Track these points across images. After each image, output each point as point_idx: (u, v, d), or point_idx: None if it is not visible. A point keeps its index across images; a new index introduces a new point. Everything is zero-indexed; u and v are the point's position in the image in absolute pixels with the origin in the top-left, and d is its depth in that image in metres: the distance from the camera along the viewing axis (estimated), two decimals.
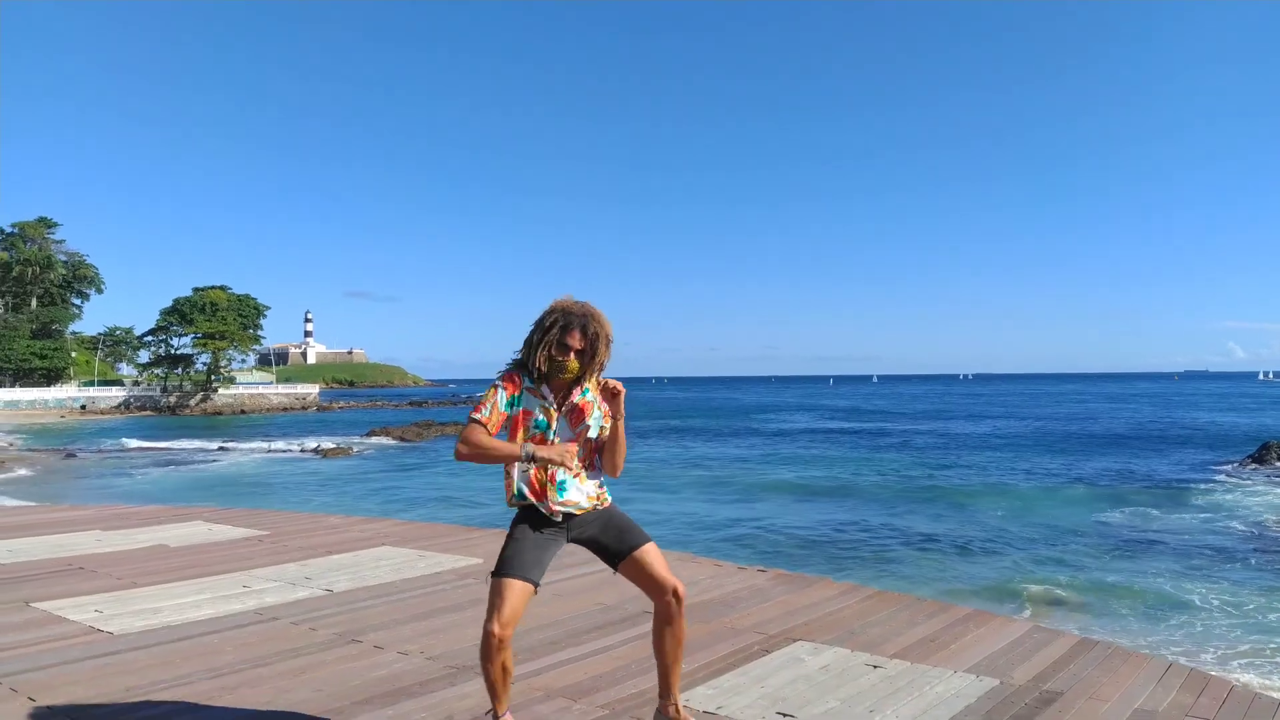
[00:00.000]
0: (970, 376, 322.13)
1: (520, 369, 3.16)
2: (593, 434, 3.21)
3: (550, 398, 3.14)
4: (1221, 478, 23.37)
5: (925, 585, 10.12)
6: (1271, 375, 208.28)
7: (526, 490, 3.17)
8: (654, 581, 3.20)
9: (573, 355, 3.06)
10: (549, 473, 3.15)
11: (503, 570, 3.09)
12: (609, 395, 3.19)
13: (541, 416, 3.13)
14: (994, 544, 13.99)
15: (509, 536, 3.20)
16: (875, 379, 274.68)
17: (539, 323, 3.13)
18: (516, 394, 3.13)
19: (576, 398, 3.16)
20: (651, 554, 3.21)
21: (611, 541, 3.24)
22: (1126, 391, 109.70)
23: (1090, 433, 42.12)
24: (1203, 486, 21.63)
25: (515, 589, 3.05)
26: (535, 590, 3.12)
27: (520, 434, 3.13)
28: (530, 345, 3.13)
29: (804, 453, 33.66)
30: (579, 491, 3.21)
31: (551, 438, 3.14)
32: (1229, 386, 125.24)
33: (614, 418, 3.21)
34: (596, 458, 3.28)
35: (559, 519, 3.19)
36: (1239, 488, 21.36)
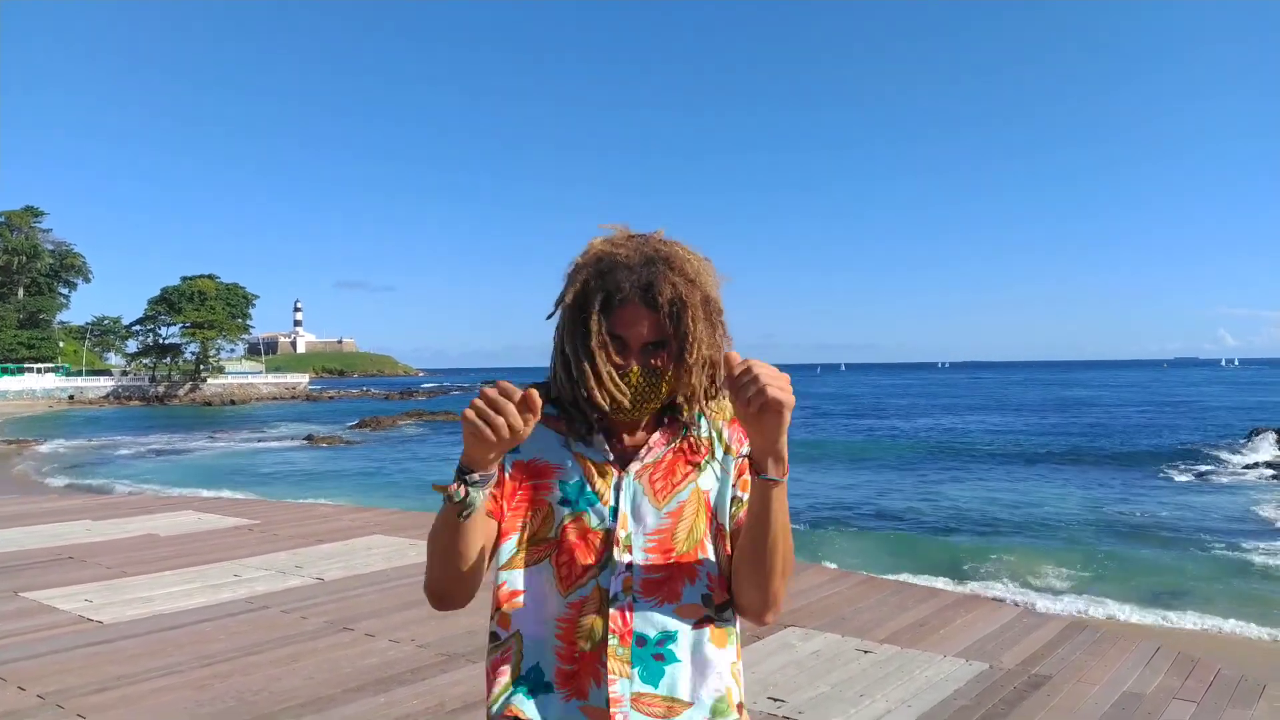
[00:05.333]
0: (947, 365, 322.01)
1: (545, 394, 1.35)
2: (701, 521, 1.35)
3: (602, 445, 1.35)
4: (1211, 463, 23.54)
5: (915, 571, 10.18)
6: (1237, 362, 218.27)
7: (552, 650, 1.31)
8: None
9: (634, 360, 1.31)
10: (617, 593, 1.29)
11: None
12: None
13: (576, 474, 1.34)
14: (983, 529, 14.08)
15: None
16: (843, 367, 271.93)
17: (560, 298, 1.36)
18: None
19: (663, 447, 1.36)
20: None
21: None
22: (1110, 380, 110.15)
23: (1079, 420, 42.38)
24: (1192, 471, 21.79)
25: None
26: None
27: (523, 530, 1.35)
28: (558, 356, 1.37)
29: (793, 438, 33.80)
30: (710, 672, 1.32)
31: (607, 526, 1.31)
32: (1196, 374, 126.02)
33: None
34: (708, 578, 1.35)
35: None
36: (1228, 472, 21.55)
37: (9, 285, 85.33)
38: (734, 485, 1.39)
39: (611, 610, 1.28)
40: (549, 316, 1.39)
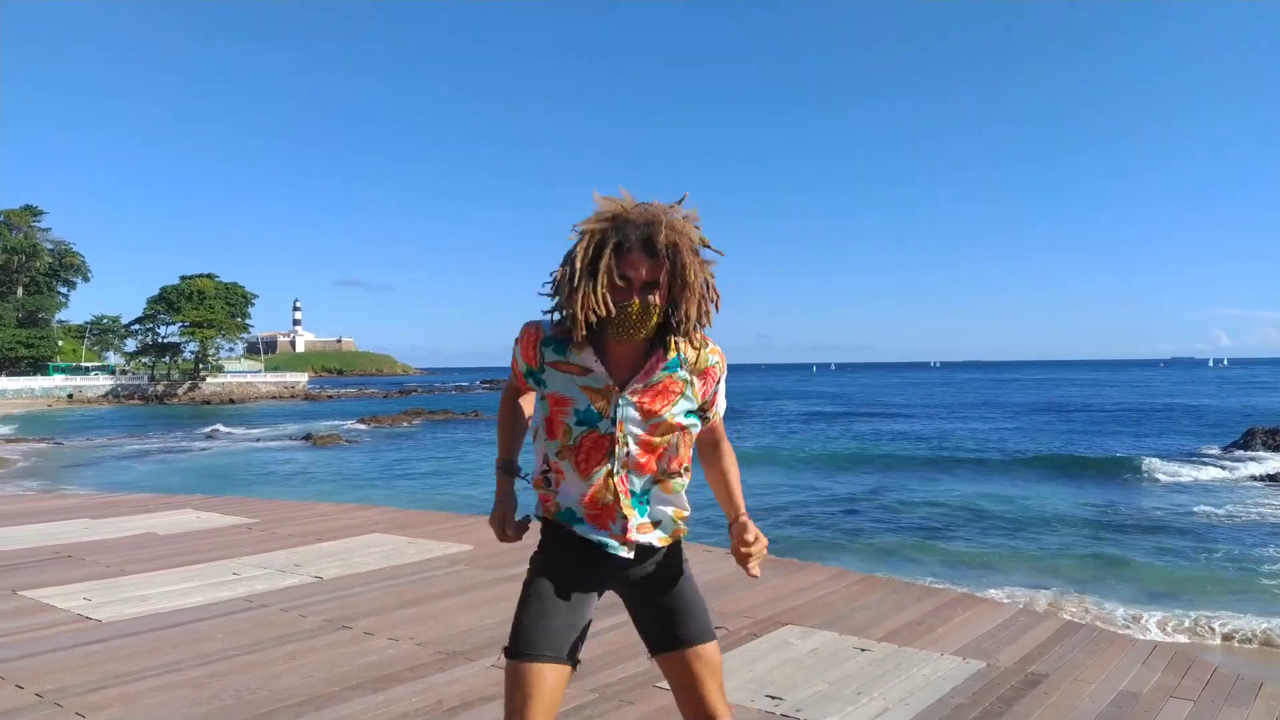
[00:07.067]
0: (939, 365, 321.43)
1: (552, 324, 1.92)
2: (674, 432, 1.98)
3: (600, 368, 1.88)
4: (1206, 463, 23.54)
5: (912, 570, 10.19)
6: (1226, 362, 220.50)
7: (581, 506, 1.97)
8: (696, 702, 2.09)
9: (636, 294, 1.79)
10: (619, 470, 1.94)
11: (522, 648, 1.91)
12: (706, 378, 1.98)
13: (584, 402, 1.91)
14: (980, 529, 14.10)
15: (525, 586, 2.02)
16: (833, 367, 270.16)
17: (573, 248, 1.82)
18: (534, 363, 1.94)
19: (659, 373, 1.91)
20: (708, 662, 2.10)
21: (656, 621, 2.09)
22: (1105, 380, 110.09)
23: (1074, 419, 42.41)
24: (1188, 471, 21.81)
25: (545, 677, 1.87)
26: (575, 669, 1.98)
27: (556, 437, 1.96)
28: (560, 286, 1.84)
29: (791, 437, 33.78)
30: (668, 506, 2.05)
31: (610, 433, 1.94)
32: (1189, 374, 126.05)
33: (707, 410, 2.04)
34: (670, 460, 2.00)
35: (625, 556, 2.01)
36: (1223, 472, 21.56)
37: (8, 284, 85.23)
38: (694, 406, 1.97)
39: (615, 480, 1.94)
40: (570, 238, 1.84)
